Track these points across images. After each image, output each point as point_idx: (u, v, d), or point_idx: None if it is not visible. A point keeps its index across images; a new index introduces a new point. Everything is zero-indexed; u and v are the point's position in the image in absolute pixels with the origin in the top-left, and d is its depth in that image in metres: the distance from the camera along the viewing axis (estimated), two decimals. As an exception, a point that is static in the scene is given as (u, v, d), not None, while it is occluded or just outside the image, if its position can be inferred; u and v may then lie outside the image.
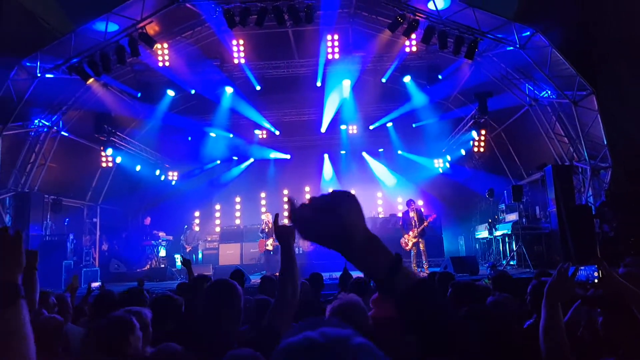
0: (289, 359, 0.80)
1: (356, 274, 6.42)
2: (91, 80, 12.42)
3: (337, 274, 9.61)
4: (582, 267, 2.44)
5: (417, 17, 11.71)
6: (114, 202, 16.80)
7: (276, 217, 2.49)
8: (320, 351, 0.79)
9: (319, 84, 15.42)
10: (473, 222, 17.54)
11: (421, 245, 11.93)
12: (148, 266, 15.30)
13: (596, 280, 2.44)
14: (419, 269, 11.97)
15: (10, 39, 13.26)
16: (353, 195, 1.03)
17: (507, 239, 14.07)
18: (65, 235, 13.95)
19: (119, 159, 15.30)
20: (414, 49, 13.60)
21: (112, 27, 11.87)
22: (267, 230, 13.04)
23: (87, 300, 6.24)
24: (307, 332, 0.83)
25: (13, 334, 1.23)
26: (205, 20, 13.06)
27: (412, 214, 12.12)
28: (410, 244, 11.97)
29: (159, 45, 12.94)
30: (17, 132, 12.88)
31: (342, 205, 1.01)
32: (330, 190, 1.05)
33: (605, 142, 11.43)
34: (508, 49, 12.04)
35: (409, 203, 12.36)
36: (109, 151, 14.78)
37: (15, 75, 11.84)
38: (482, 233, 15.99)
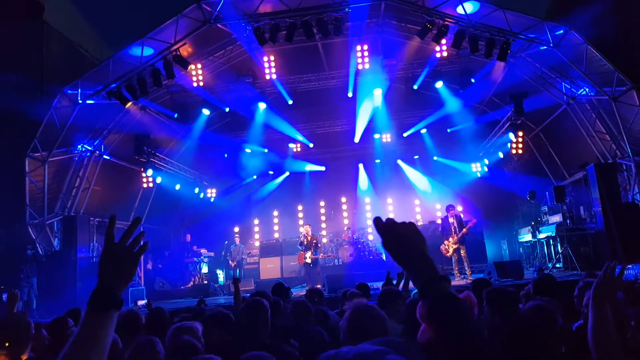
0: None
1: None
2: (129, 103, 12.82)
3: (377, 284, 9.58)
4: (630, 266, 2.37)
5: (447, 23, 11.66)
6: (156, 221, 17.16)
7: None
8: None
9: (350, 94, 15.48)
10: (515, 225, 17.14)
11: (462, 252, 11.75)
12: (191, 283, 15.55)
13: (645, 279, 2.37)
14: (462, 276, 11.79)
15: (52, 68, 13.91)
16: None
17: (551, 241, 13.70)
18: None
19: (159, 179, 15.67)
20: (445, 54, 13.52)
21: (148, 51, 12.26)
22: (305, 242, 13.10)
23: None
24: (344, 347, 0.89)
25: (94, 340, 1.27)
26: (236, 39, 13.35)
27: (451, 220, 11.97)
28: (450, 250, 11.82)
29: (192, 66, 13.29)
30: (62, 158, 13.39)
31: (413, 228, 1.39)
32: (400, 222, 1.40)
33: (650, 137, 11.04)
34: (541, 48, 11.82)
35: (448, 208, 12.21)
36: (150, 172, 15.14)
37: (57, 103, 12.36)
38: (526, 236, 15.61)
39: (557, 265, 12.84)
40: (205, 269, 16.39)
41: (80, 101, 12.55)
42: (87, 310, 1.31)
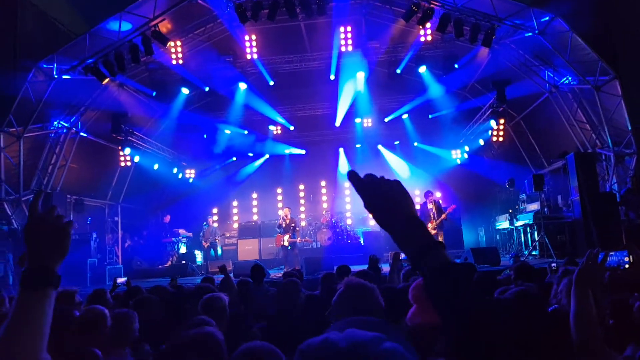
0: None
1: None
2: (107, 80, 12.53)
3: (355, 268, 9.56)
4: (613, 253, 2.34)
5: (432, 5, 11.55)
6: (134, 200, 16.96)
7: None
8: (339, 358, 0.73)
9: (332, 77, 15.31)
10: (493, 213, 17.29)
11: (440, 237, 11.81)
12: (169, 263, 15.45)
13: (627, 266, 2.33)
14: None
15: (27, 41, 13.42)
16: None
17: (528, 229, 13.84)
18: (88, 234, 14.13)
19: (137, 158, 15.43)
20: (429, 38, 13.41)
21: (126, 26, 11.94)
22: (284, 225, 13.03)
23: (111, 293, 6.44)
24: (331, 334, 0.78)
25: (30, 322, 1.17)
26: (217, 16, 13.04)
27: (430, 206, 12.02)
28: None
29: (172, 43, 12.97)
30: (38, 134, 13.06)
31: (399, 187, 1.21)
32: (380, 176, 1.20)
33: (630, 128, 11.14)
34: (526, 35, 11.79)
35: (427, 194, 12.24)
36: (127, 150, 14.90)
37: (33, 77, 12.00)
38: (503, 224, 15.76)
39: (533, 253, 12.99)
40: (183, 249, 16.27)
41: (55, 76, 12.20)
42: (20, 289, 1.21)
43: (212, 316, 3.14)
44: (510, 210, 15.22)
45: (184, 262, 15.24)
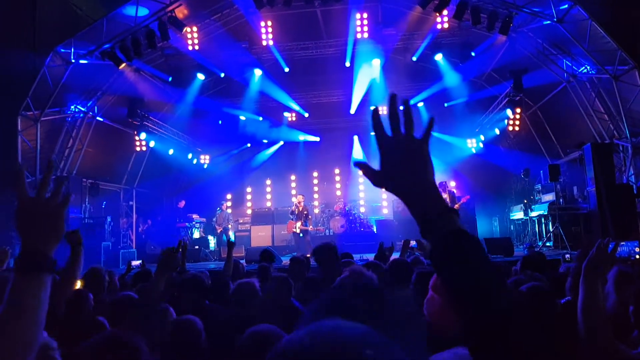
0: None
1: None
2: (123, 65, 12.62)
3: (367, 256, 9.59)
4: (623, 243, 2.32)
5: (449, -8, 11.39)
6: (148, 185, 17.13)
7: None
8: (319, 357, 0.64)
9: (347, 64, 15.24)
10: (508, 203, 17.18)
11: None
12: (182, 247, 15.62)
13: (638, 256, 2.33)
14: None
15: (45, 26, 13.54)
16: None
17: (543, 219, 13.74)
18: (103, 217, 14.33)
19: (152, 143, 15.56)
20: (446, 25, 13.27)
21: (142, 11, 11.98)
22: (296, 212, 13.09)
23: (125, 276, 6.52)
24: (313, 329, 0.69)
25: (24, 307, 1.13)
26: (233, 2, 13.01)
27: (444, 196, 12.00)
28: None
29: (188, 29, 13.00)
30: (54, 117, 13.21)
31: (423, 151, 1.10)
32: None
33: (648, 119, 10.96)
34: (544, 23, 11.60)
35: (441, 185, 12.21)
36: (143, 135, 15.04)
37: (50, 61, 12.11)
38: (517, 214, 15.66)
39: (548, 244, 12.91)
40: (197, 234, 16.43)
41: (73, 60, 12.30)
42: (14, 274, 1.16)
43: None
44: (525, 201, 15.11)
45: (197, 247, 15.40)
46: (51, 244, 1.22)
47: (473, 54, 13.89)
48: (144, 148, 15.83)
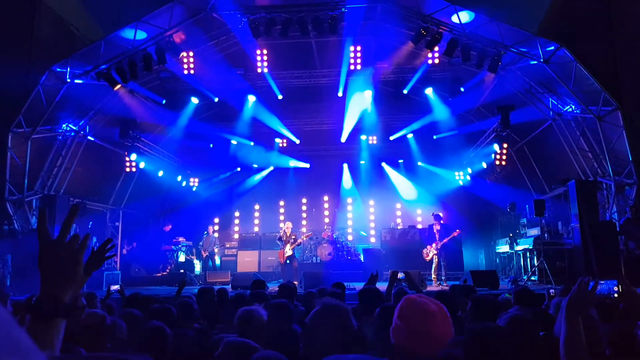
0: None
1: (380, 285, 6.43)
2: (118, 86, 12.71)
3: (355, 285, 9.62)
4: (602, 282, 2.44)
5: (441, 30, 11.75)
6: (136, 206, 17.05)
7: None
8: None
9: (340, 94, 15.52)
10: (494, 236, 17.35)
11: (435, 260, 12.08)
12: (168, 270, 15.47)
13: (616, 295, 2.43)
14: (438, 282, 11.94)
15: (42, 44, 13.67)
16: None
17: (528, 253, 13.89)
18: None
19: (142, 164, 15.53)
20: (437, 61, 13.63)
21: (141, 35, 12.15)
22: (284, 238, 13.10)
23: (105, 301, 6.41)
24: None
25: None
26: (230, 29, 13.26)
27: (437, 227, 12.21)
28: (430, 254, 12.11)
29: (184, 54, 13.19)
30: (46, 135, 13.21)
31: None
32: None
33: (631, 158, 11.27)
34: (532, 62, 11.97)
35: (436, 217, 12.41)
36: (133, 156, 15.02)
37: (45, 80, 12.18)
38: (503, 247, 15.81)
39: (532, 278, 13.03)
40: (182, 258, 16.31)
41: (68, 80, 12.39)
42: (30, 319, 1.18)
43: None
44: (511, 234, 15.28)
45: (182, 270, 15.27)
46: (68, 289, 1.22)
47: (462, 89, 14.24)
48: (133, 169, 15.77)
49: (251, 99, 15.89)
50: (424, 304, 2.05)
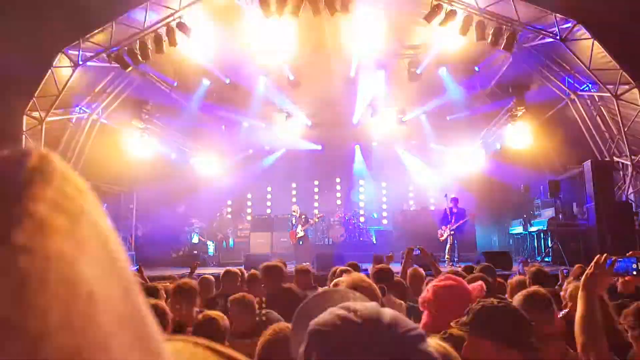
0: (325, 342, 0.77)
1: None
2: (130, 68, 12.70)
3: (366, 265, 9.63)
4: (620, 259, 2.39)
5: (455, 8, 11.53)
6: (150, 189, 17.14)
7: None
8: (358, 332, 0.76)
9: (352, 74, 15.35)
10: (507, 217, 17.23)
11: (456, 240, 12.07)
12: (182, 252, 15.64)
13: (635, 273, 2.39)
14: (451, 262, 11.94)
15: (52, 27, 13.67)
16: None
17: (542, 235, 13.80)
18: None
19: (155, 147, 15.61)
20: (451, 39, 13.37)
21: (151, 16, 12.10)
22: (294, 221, 13.17)
23: None
24: (333, 310, 0.81)
25: None
26: (241, 9, 13.10)
27: (454, 210, 12.21)
28: (445, 235, 12.12)
29: (195, 35, 13.07)
30: (59, 118, 13.29)
31: None
32: None
33: (649, 138, 11.06)
34: (548, 40, 11.73)
35: (453, 200, 12.38)
36: (146, 139, 15.10)
37: (57, 62, 12.20)
38: (517, 228, 15.72)
39: (546, 259, 12.96)
40: (195, 239, 16.47)
41: (80, 62, 12.40)
42: None
43: None
44: (525, 216, 15.17)
45: (195, 252, 15.44)
46: None
47: (477, 68, 14.01)
48: (146, 152, 15.84)
49: (263, 80, 15.81)
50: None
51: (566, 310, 3.04)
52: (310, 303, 1.10)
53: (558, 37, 11.29)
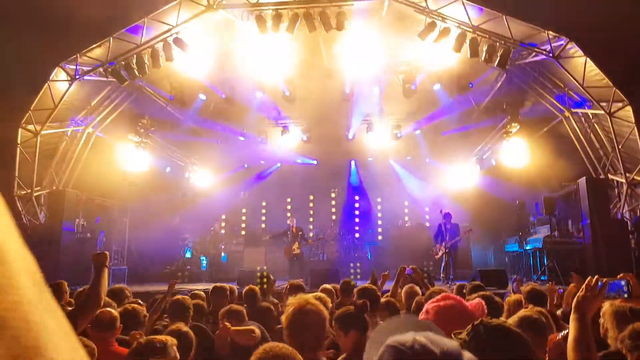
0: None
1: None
2: (126, 82, 12.73)
3: (362, 283, 9.56)
4: (612, 281, 2.37)
5: (449, 25, 11.62)
6: (144, 202, 17.08)
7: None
8: None
9: (348, 90, 15.40)
10: (503, 234, 17.19)
11: (452, 257, 11.96)
12: (174, 267, 15.52)
13: (625, 295, 2.37)
14: (447, 281, 11.86)
15: (51, 41, 13.72)
16: None
17: (538, 252, 13.76)
18: (96, 233, 14.25)
19: (150, 160, 15.56)
20: (445, 56, 13.45)
21: (149, 32, 12.15)
22: (290, 235, 13.09)
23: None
24: (415, 335, 0.86)
25: None
26: (238, 26, 13.18)
27: (447, 226, 12.15)
28: (440, 253, 12.02)
29: (192, 50, 13.10)
30: (55, 131, 13.27)
31: None
32: None
33: (642, 156, 11.10)
34: (541, 58, 11.82)
35: (447, 216, 12.33)
36: (141, 152, 15.06)
37: (54, 76, 12.23)
38: (512, 246, 15.67)
39: (542, 278, 12.91)
40: (189, 254, 16.36)
41: (77, 76, 12.42)
42: None
43: None
44: (520, 233, 15.14)
45: (188, 267, 15.32)
46: None
47: (471, 85, 14.09)
48: (141, 165, 15.78)
49: (259, 95, 15.84)
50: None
51: (566, 332, 3.01)
52: (390, 325, 1.19)
53: (551, 55, 11.38)
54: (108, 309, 3.72)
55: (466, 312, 2.22)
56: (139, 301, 4.91)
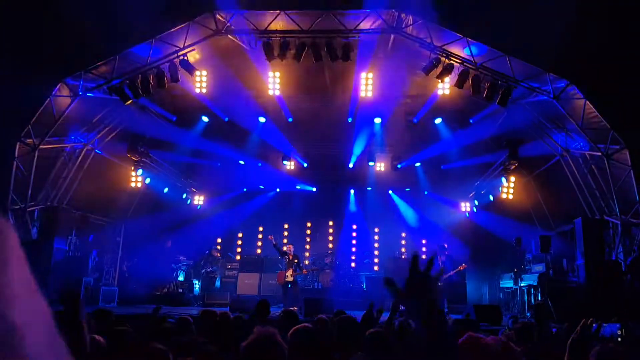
0: None
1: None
2: (129, 101, 12.79)
3: (355, 313, 9.47)
4: (606, 324, 2.37)
5: (452, 62, 11.83)
6: (139, 221, 16.92)
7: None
8: None
9: (350, 119, 15.56)
10: (498, 270, 17.11)
11: (444, 293, 11.93)
12: (166, 289, 15.28)
13: (619, 339, 2.37)
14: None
15: (56, 56, 13.84)
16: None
17: (532, 290, 13.68)
18: (88, 251, 14.11)
19: (148, 180, 15.53)
20: (447, 92, 13.65)
21: (155, 52, 12.30)
22: (286, 260, 13.00)
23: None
24: None
25: None
26: (244, 51, 13.38)
27: (442, 259, 12.12)
28: None
29: (198, 72, 13.27)
30: (54, 147, 13.26)
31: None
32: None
33: (638, 199, 11.17)
34: (542, 98, 12.00)
35: (442, 248, 12.31)
36: (140, 172, 15.03)
37: (57, 92, 12.30)
38: (507, 282, 15.59)
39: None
40: (182, 277, 16.14)
41: (80, 93, 12.50)
42: None
43: None
44: (516, 270, 15.07)
45: (180, 290, 15.10)
46: None
47: (471, 121, 14.25)
48: (139, 184, 15.69)
49: (261, 120, 15.96)
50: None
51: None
52: None
53: (551, 96, 11.56)
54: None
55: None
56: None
